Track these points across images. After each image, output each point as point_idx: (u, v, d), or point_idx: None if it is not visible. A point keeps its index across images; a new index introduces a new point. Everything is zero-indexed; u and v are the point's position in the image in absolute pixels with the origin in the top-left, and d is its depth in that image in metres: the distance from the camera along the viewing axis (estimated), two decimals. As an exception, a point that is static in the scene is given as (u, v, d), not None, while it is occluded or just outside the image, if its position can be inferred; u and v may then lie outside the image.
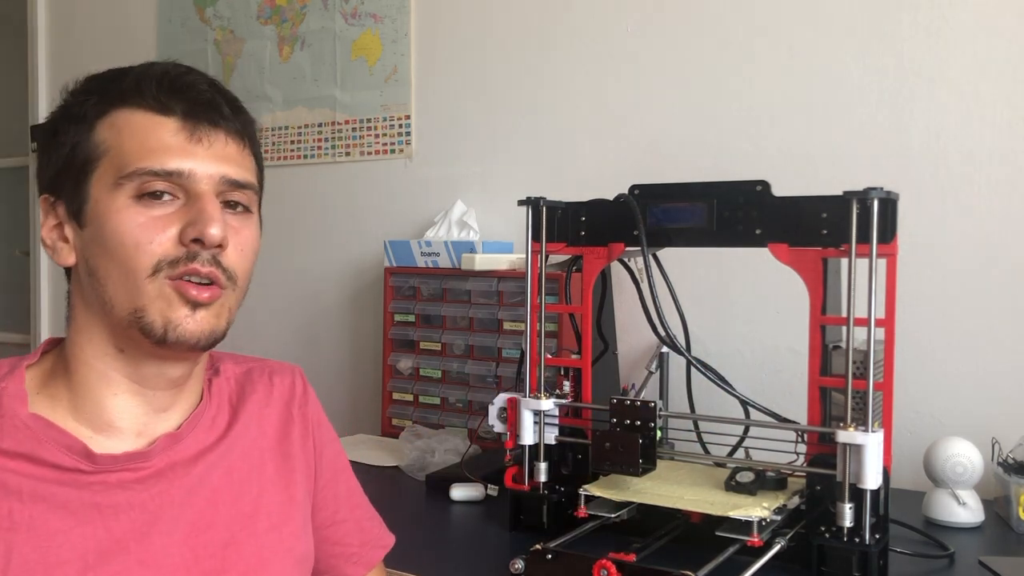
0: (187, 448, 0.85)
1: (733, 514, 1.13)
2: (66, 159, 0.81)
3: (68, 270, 0.85)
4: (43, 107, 2.95)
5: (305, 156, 2.41)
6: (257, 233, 0.87)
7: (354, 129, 2.32)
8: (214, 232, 0.78)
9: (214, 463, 0.87)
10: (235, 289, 0.83)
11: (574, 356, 1.37)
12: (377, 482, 1.68)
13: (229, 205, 0.83)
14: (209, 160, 0.81)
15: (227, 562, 0.85)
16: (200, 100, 0.81)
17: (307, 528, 0.95)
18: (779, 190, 1.21)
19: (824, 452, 1.15)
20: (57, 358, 0.85)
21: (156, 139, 0.79)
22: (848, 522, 1.10)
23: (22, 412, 0.79)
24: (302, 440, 0.96)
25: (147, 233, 0.78)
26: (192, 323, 0.79)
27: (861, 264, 1.10)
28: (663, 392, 1.65)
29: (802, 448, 1.19)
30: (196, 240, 0.78)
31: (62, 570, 0.76)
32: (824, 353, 1.17)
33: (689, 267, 1.73)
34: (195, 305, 0.79)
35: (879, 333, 1.12)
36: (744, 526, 1.13)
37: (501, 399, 1.37)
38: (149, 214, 0.78)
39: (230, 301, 0.83)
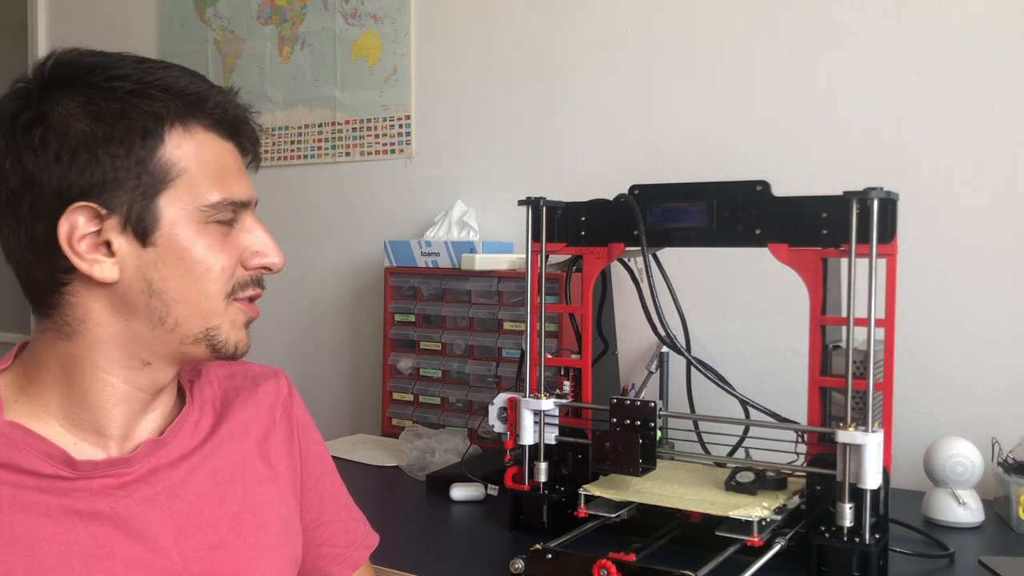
0: (169, 453, 0.85)
1: (733, 514, 1.13)
2: (127, 173, 0.77)
3: (62, 282, 0.79)
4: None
5: (305, 156, 2.41)
6: None
7: (354, 129, 2.32)
8: (277, 261, 0.87)
9: (197, 465, 0.86)
10: None
11: (574, 356, 1.37)
12: (377, 482, 1.69)
13: None
14: (251, 186, 0.86)
15: (216, 564, 0.84)
16: (243, 124, 0.85)
17: (294, 529, 0.95)
18: (779, 190, 1.21)
19: (824, 452, 1.15)
20: (32, 364, 0.82)
21: (225, 167, 0.82)
22: (848, 522, 1.10)
23: None
24: (288, 442, 0.96)
25: (227, 258, 0.82)
26: (247, 338, 0.86)
27: (861, 264, 1.10)
28: (663, 392, 1.65)
29: (802, 448, 1.19)
30: (262, 267, 0.86)
31: None
32: (824, 353, 1.17)
33: (689, 267, 1.73)
34: (248, 323, 0.87)
35: (879, 333, 1.12)
36: (744, 526, 1.13)
37: (501, 399, 1.37)
38: (222, 239, 0.82)
39: None
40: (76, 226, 0.76)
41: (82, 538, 0.77)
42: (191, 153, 0.80)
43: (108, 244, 0.77)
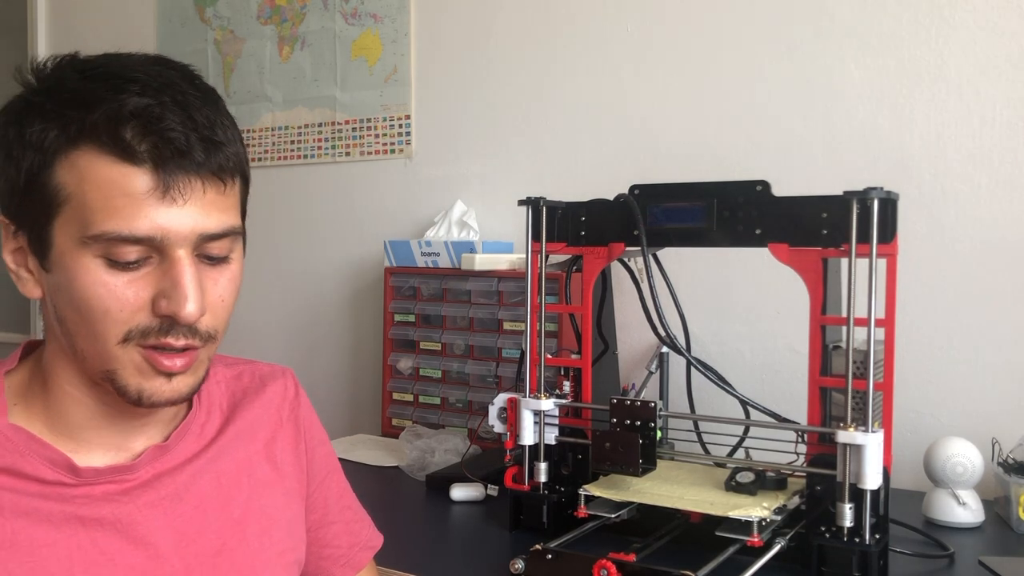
0: (174, 458, 0.84)
1: (733, 514, 1.13)
2: (24, 189, 0.74)
3: None
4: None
5: (305, 156, 2.41)
6: (239, 272, 0.80)
7: (354, 129, 2.32)
8: (190, 311, 0.72)
9: (201, 469, 0.85)
10: (215, 342, 0.78)
11: (574, 356, 1.37)
12: (377, 482, 1.68)
13: (207, 258, 0.76)
14: (184, 216, 0.72)
15: (218, 570, 0.84)
16: (174, 147, 0.71)
17: (298, 534, 0.95)
18: (779, 190, 1.21)
19: (824, 452, 1.15)
20: (35, 366, 0.82)
21: (123, 195, 0.70)
22: (848, 522, 1.10)
23: (1, 423, 0.77)
24: (294, 443, 0.95)
25: (117, 300, 0.72)
26: (168, 389, 0.76)
27: (861, 264, 1.10)
28: (663, 392, 1.65)
29: (802, 448, 1.19)
30: (166, 315, 0.73)
31: None
32: (824, 353, 1.17)
33: (689, 267, 1.73)
34: (170, 375, 0.76)
35: (879, 333, 1.12)
36: (744, 526, 1.13)
37: (501, 399, 1.37)
38: (120, 278, 0.72)
39: (208, 353, 0.79)
40: (7, 240, 0.77)
41: (84, 544, 0.76)
42: (78, 179, 0.71)
43: (27, 259, 0.77)
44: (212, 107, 0.76)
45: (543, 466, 1.33)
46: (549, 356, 1.36)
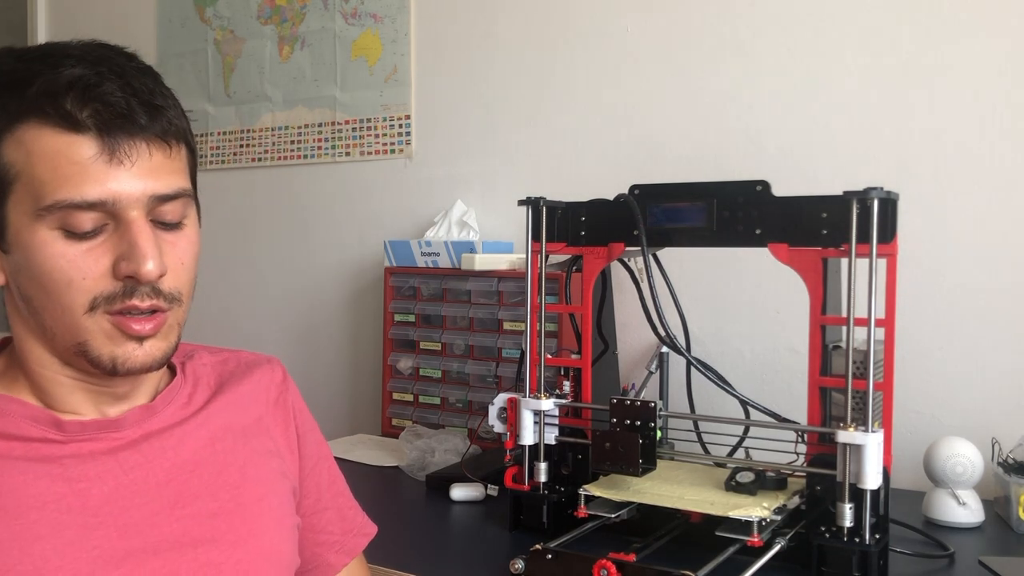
0: (161, 420, 0.84)
1: (733, 514, 1.13)
2: None
3: None
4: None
5: (305, 156, 2.41)
6: (195, 236, 0.81)
7: (354, 129, 2.32)
8: (150, 268, 0.74)
9: (191, 433, 0.85)
10: (181, 305, 0.80)
11: (574, 356, 1.37)
12: (377, 482, 1.68)
13: (162, 224, 0.77)
14: (134, 179, 0.73)
15: (216, 532, 0.83)
16: (115, 112, 0.72)
17: (293, 507, 0.95)
18: (779, 190, 1.21)
19: (824, 452, 1.15)
20: (9, 359, 0.83)
21: (70, 164, 0.72)
22: (848, 522, 1.10)
23: None
24: (284, 425, 0.96)
25: (78, 269, 0.73)
26: (141, 354, 0.77)
27: (861, 264, 1.10)
28: (663, 392, 1.65)
29: (802, 448, 1.19)
30: (128, 276, 0.74)
31: (39, 547, 0.74)
32: (824, 353, 1.17)
33: (689, 267, 1.73)
34: (141, 338, 0.76)
35: (879, 333, 1.12)
36: (744, 526, 1.13)
37: (501, 399, 1.37)
38: (78, 248, 0.73)
39: (177, 317, 0.80)
40: None
41: (74, 507, 0.76)
42: (25, 154, 0.73)
43: None
44: (150, 78, 0.77)
45: (543, 466, 1.33)
46: (549, 356, 1.36)
